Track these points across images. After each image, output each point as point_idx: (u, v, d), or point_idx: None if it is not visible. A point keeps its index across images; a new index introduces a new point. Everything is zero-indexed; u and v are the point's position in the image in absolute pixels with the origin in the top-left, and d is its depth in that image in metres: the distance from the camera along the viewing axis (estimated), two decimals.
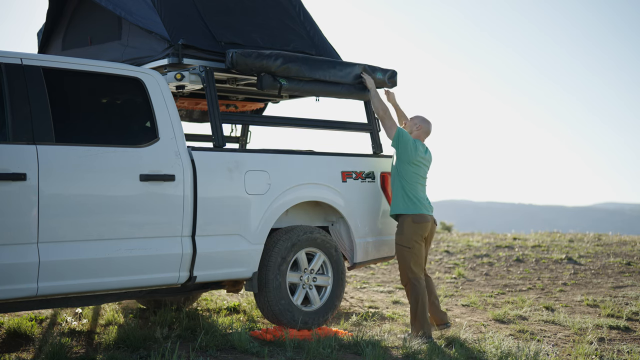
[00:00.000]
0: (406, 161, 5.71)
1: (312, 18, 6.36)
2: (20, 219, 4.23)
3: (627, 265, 9.79)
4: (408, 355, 5.05)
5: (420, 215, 5.70)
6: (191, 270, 4.94)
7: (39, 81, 4.45)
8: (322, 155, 5.78)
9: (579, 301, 7.70)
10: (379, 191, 6.02)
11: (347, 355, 4.99)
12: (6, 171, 4.19)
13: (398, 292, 8.12)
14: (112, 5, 5.49)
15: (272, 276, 5.33)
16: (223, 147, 5.22)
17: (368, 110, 6.24)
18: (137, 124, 5.05)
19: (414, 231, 5.68)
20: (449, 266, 9.77)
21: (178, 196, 4.84)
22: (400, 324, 6.36)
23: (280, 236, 5.45)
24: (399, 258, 5.77)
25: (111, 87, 4.94)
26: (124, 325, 5.54)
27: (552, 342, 5.89)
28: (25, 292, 4.28)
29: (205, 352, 4.79)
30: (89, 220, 4.49)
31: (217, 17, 5.61)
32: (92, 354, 4.77)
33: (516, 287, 8.54)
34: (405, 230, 5.69)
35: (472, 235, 13.37)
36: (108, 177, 4.58)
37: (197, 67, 5.25)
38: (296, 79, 5.60)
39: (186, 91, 6.12)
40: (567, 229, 15.13)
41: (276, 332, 5.31)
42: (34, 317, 5.86)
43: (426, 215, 5.73)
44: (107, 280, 4.59)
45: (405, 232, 5.69)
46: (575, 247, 11.20)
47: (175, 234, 4.85)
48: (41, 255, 4.28)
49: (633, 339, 6.07)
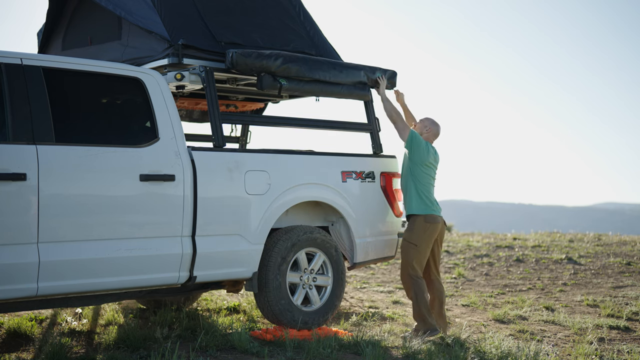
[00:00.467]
0: (419, 163, 5.83)
1: (312, 18, 6.36)
2: (20, 219, 4.23)
3: (627, 265, 9.79)
4: (408, 355, 5.05)
5: (432, 216, 5.84)
6: (191, 270, 4.94)
7: (39, 81, 4.45)
8: (322, 155, 5.78)
9: (579, 301, 7.70)
10: (379, 191, 6.02)
11: (347, 355, 4.99)
12: (6, 171, 4.19)
13: (398, 292, 8.12)
14: (112, 5, 5.49)
15: (272, 276, 5.33)
16: (223, 147, 5.22)
17: (368, 110, 6.24)
18: (137, 124, 5.05)
19: (424, 231, 5.79)
20: (449, 266, 9.77)
21: (178, 196, 4.83)
22: (400, 324, 6.37)
23: (280, 236, 5.45)
24: (403, 254, 5.85)
25: (111, 87, 4.94)
26: (124, 325, 5.54)
27: (552, 342, 5.89)
28: (25, 292, 4.28)
29: (205, 352, 4.79)
30: (89, 220, 4.49)
31: (217, 17, 5.61)
32: (92, 354, 4.77)
33: (516, 287, 8.54)
34: (416, 228, 5.81)
35: (472, 235, 13.37)
36: (108, 177, 4.58)
37: (197, 67, 5.25)
38: (296, 79, 5.60)
39: (186, 91, 6.12)
40: (567, 229, 15.14)
41: (276, 332, 5.31)
42: (34, 317, 5.86)
43: (437, 217, 5.87)
44: (107, 280, 4.59)
45: (416, 230, 5.80)
46: (575, 247, 11.20)
47: (175, 234, 4.85)
48: (41, 255, 4.28)
49: (633, 339, 6.07)
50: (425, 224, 5.80)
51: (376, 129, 6.23)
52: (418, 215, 5.83)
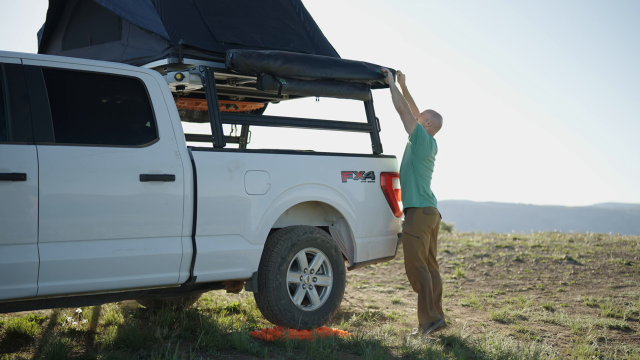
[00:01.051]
0: (422, 157, 5.92)
1: (312, 18, 6.36)
2: (20, 219, 4.23)
3: (627, 265, 9.79)
4: (408, 355, 5.05)
5: (430, 208, 5.94)
6: (191, 270, 4.94)
7: (39, 81, 4.45)
8: (322, 155, 5.78)
9: (579, 301, 7.70)
10: (379, 191, 6.02)
11: (347, 355, 4.99)
12: (6, 171, 4.19)
13: (398, 292, 8.13)
14: (112, 5, 5.49)
15: (272, 276, 5.33)
16: (223, 147, 5.22)
17: (368, 110, 6.24)
18: (137, 124, 5.05)
19: (423, 222, 5.90)
20: (449, 266, 9.77)
21: (178, 196, 4.84)
22: (400, 324, 6.37)
23: (280, 236, 5.45)
24: (406, 247, 5.95)
25: (111, 87, 4.94)
26: (124, 325, 5.54)
27: (552, 342, 5.89)
28: (25, 292, 4.28)
29: (205, 352, 4.79)
30: (89, 220, 4.49)
31: (217, 17, 5.61)
32: (92, 354, 4.77)
33: (516, 287, 8.54)
34: (415, 220, 5.91)
35: (472, 235, 13.37)
36: (108, 177, 4.58)
37: (197, 67, 5.25)
38: (296, 79, 5.60)
39: (186, 91, 6.12)
40: (567, 229, 15.13)
41: (276, 332, 5.31)
42: (34, 317, 5.86)
43: (435, 209, 6.00)
44: (107, 280, 4.59)
45: (415, 222, 5.91)
46: (575, 247, 11.20)
47: (175, 234, 4.85)
48: (41, 255, 4.28)
49: (633, 339, 6.07)
50: (425, 215, 5.90)
51: (376, 129, 6.23)
52: (417, 207, 5.92)
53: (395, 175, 6.15)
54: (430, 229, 5.96)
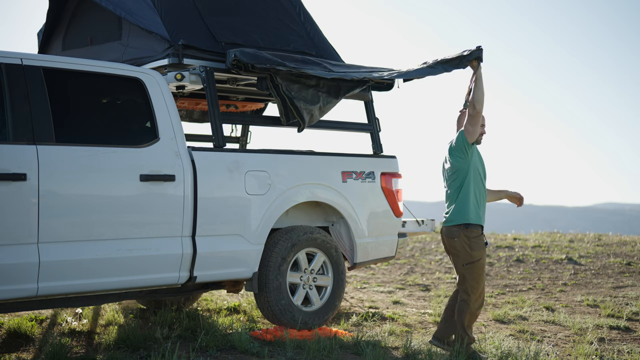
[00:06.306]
0: (479, 166, 5.15)
1: (312, 18, 6.36)
2: (20, 219, 4.23)
3: (627, 265, 9.79)
4: (408, 356, 5.05)
5: (480, 226, 5.13)
6: (191, 271, 4.94)
7: (39, 81, 4.45)
8: (322, 155, 5.78)
9: (579, 301, 7.70)
10: (380, 191, 6.02)
11: (347, 356, 4.99)
12: (6, 171, 4.19)
13: (398, 292, 8.13)
14: (112, 6, 5.49)
15: (272, 276, 5.33)
16: (223, 147, 5.22)
17: (368, 110, 6.24)
18: (138, 124, 5.05)
19: (478, 238, 5.07)
20: (450, 266, 9.76)
21: (178, 196, 4.83)
22: (401, 324, 6.36)
23: (281, 236, 5.45)
24: (471, 276, 5.05)
25: (111, 87, 4.94)
26: (124, 326, 5.54)
27: (552, 342, 5.89)
28: (25, 292, 4.28)
29: (205, 352, 4.79)
30: (89, 220, 4.49)
31: (218, 18, 5.62)
32: (92, 354, 4.77)
33: (516, 287, 8.54)
34: (476, 244, 5.04)
35: None
36: (108, 177, 4.58)
37: (197, 67, 5.25)
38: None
39: (186, 91, 6.12)
40: (567, 229, 15.11)
41: (276, 332, 5.31)
42: (34, 317, 5.85)
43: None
44: (108, 280, 4.59)
45: (476, 245, 5.04)
46: (576, 247, 11.19)
47: (175, 234, 4.85)
48: (41, 255, 4.28)
49: (633, 339, 6.07)
50: (482, 236, 5.10)
51: (376, 129, 6.23)
52: (476, 225, 5.05)
53: (395, 176, 6.14)
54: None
